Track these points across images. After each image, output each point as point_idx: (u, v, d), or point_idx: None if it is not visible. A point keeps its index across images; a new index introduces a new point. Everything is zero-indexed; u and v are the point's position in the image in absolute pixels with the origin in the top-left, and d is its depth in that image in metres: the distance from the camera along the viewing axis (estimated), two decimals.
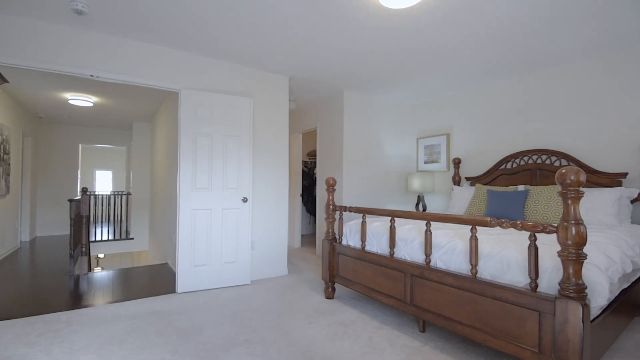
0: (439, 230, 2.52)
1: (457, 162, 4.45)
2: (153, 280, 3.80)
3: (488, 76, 3.97)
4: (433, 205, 4.96)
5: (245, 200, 3.61)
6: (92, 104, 5.40)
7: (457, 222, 2.08)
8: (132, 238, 6.95)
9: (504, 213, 3.22)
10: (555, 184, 3.34)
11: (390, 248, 2.62)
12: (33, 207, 6.80)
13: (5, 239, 5.17)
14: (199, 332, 2.44)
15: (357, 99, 4.79)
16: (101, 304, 3.01)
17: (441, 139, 4.81)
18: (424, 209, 4.67)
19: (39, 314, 2.74)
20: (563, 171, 1.55)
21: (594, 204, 2.93)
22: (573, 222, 1.54)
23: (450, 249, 2.24)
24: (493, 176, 4.06)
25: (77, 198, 4.46)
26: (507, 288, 1.81)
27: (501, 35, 2.90)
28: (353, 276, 2.94)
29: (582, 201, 3.00)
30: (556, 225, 1.61)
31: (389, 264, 2.57)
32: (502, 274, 1.92)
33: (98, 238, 6.79)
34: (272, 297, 3.22)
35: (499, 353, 2.15)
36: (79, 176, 7.74)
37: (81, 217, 4.29)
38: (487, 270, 2.00)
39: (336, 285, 3.59)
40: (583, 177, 1.53)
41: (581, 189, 2.09)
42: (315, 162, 7.19)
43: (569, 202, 1.55)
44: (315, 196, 6.93)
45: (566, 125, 3.54)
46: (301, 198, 6.19)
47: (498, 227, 2.00)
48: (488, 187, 3.69)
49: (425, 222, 2.76)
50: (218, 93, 3.52)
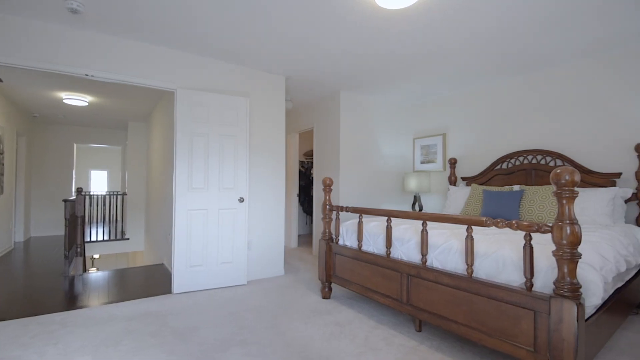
0: (435, 230, 2.53)
1: (453, 162, 4.47)
2: (149, 280, 3.78)
3: (484, 77, 3.99)
4: (429, 205, 4.98)
5: (241, 200, 3.60)
6: (87, 104, 5.37)
7: (453, 222, 2.09)
8: (128, 238, 6.91)
9: (500, 213, 3.23)
10: (550, 184, 3.37)
11: (386, 248, 2.62)
12: (27, 208, 6.74)
13: None
14: (195, 333, 2.43)
15: (354, 99, 4.80)
16: (96, 305, 2.99)
17: (437, 139, 4.82)
18: (420, 209, 4.68)
19: (33, 315, 2.72)
20: (558, 171, 1.56)
21: (589, 204, 2.96)
22: (568, 222, 1.55)
23: (446, 249, 2.24)
24: (489, 176, 4.08)
25: (72, 198, 4.43)
26: (503, 287, 1.82)
27: (497, 36, 2.92)
28: (350, 276, 2.95)
29: (577, 201, 3.03)
30: (551, 224, 1.63)
31: (386, 264, 2.58)
32: (498, 274, 1.93)
33: (93, 238, 6.74)
34: (269, 298, 3.21)
35: (495, 352, 2.17)
36: (74, 176, 7.69)
37: (76, 218, 4.26)
38: (483, 269, 2.01)
39: (333, 285, 3.59)
40: (577, 177, 1.54)
41: (576, 189, 2.11)
42: (312, 162, 7.19)
43: (564, 202, 1.57)
44: (312, 196, 6.92)
45: (561, 125, 3.57)
46: (298, 198, 6.19)
47: (494, 227, 2.01)
48: (484, 187, 3.71)
49: (421, 222, 2.76)
50: (214, 92, 3.51)
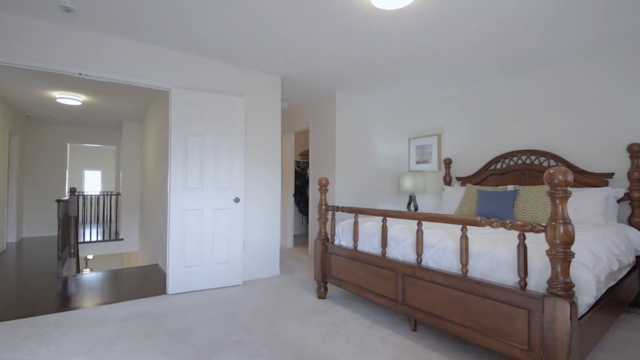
0: (430, 229, 2.54)
1: (448, 163, 4.49)
2: (143, 281, 3.76)
3: (478, 77, 4.02)
4: (424, 205, 5.00)
5: (237, 200, 3.59)
6: (81, 103, 5.32)
7: (448, 222, 2.10)
8: (122, 239, 6.86)
9: (494, 213, 3.26)
10: (544, 184, 3.40)
11: (382, 248, 2.63)
12: (20, 208, 6.67)
13: None
14: (190, 334, 2.41)
15: (350, 100, 4.81)
16: (90, 306, 2.96)
17: (432, 140, 4.85)
18: (416, 209, 4.70)
19: (26, 317, 2.69)
20: (551, 171, 1.57)
21: (582, 204, 2.99)
22: (561, 222, 1.56)
23: (441, 249, 2.25)
24: (483, 176, 4.11)
25: (65, 198, 4.38)
26: (497, 287, 1.83)
27: (492, 37, 2.94)
28: (345, 276, 2.95)
29: (570, 201, 3.06)
30: (545, 224, 1.64)
31: (381, 264, 2.58)
32: (492, 273, 1.94)
33: (87, 239, 6.68)
34: (265, 298, 3.21)
35: (490, 351, 2.18)
36: (67, 176, 7.62)
37: (69, 218, 4.21)
38: (477, 269, 2.02)
39: (329, 285, 3.59)
40: (570, 177, 1.55)
41: (569, 189, 2.13)
42: (307, 162, 7.19)
43: (557, 202, 1.58)
44: (307, 196, 6.92)
45: (554, 126, 3.60)
46: (294, 198, 6.18)
47: (488, 227, 2.03)
48: (478, 187, 3.73)
49: (416, 222, 2.77)
50: (209, 92, 3.49)
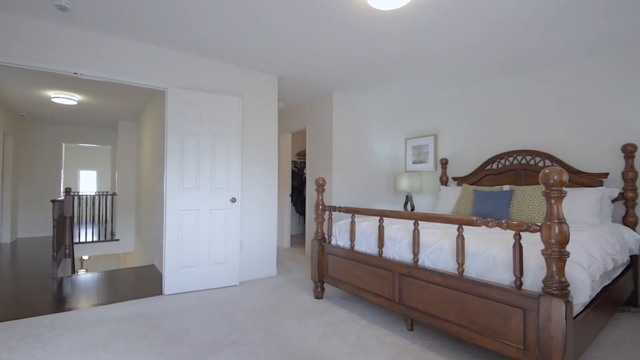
0: (427, 229, 2.54)
1: (445, 163, 4.51)
2: (139, 282, 3.74)
3: (475, 78, 4.03)
4: (421, 205, 5.01)
5: (233, 200, 3.58)
6: (76, 102, 5.28)
7: (444, 222, 2.10)
8: (118, 239, 6.82)
9: (490, 212, 3.27)
10: (539, 184, 3.42)
11: (379, 247, 2.63)
12: (14, 208, 6.60)
13: None
14: (186, 334, 2.41)
15: (347, 100, 4.81)
16: (85, 307, 2.94)
17: (429, 140, 4.86)
18: (412, 209, 4.71)
19: (21, 318, 2.67)
20: (546, 171, 1.58)
21: (577, 204, 3.01)
22: (556, 221, 1.57)
23: (437, 248, 2.26)
24: (479, 176, 4.12)
25: (61, 198, 4.35)
26: (493, 286, 1.84)
27: (490, 38, 2.95)
28: (342, 276, 2.95)
29: (565, 201, 3.08)
30: (540, 224, 1.65)
31: (378, 264, 2.59)
32: (488, 273, 1.95)
33: (82, 239, 6.63)
34: (261, 298, 3.20)
35: (486, 350, 2.19)
36: (63, 176, 7.56)
37: (64, 218, 4.19)
38: (474, 268, 2.03)
39: (325, 285, 3.59)
40: (566, 177, 1.56)
41: (564, 189, 2.14)
42: (304, 162, 7.19)
43: (552, 202, 1.59)
44: (304, 196, 6.92)
45: (550, 126, 3.62)
46: (290, 198, 6.18)
47: (484, 227, 2.03)
48: (474, 187, 3.74)
49: (413, 222, 2.78)
50: (206, 92, 3.48)
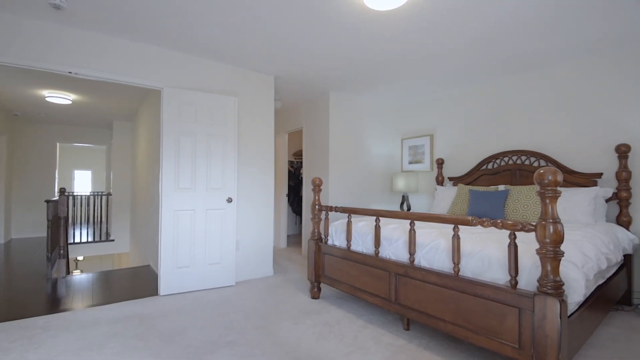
0: (423, 229, 2.55)
1: (440, 163, 4.53)
2: (134, 282, 3.72)
3: (471, 78, 4.05)
4: (417, 204, 5.03)
5: (229, 200, 3.57)
6: (71, 102, 5.24)
7: (440, 222, 2.11)
8: (113, 240, 6.77)
9: (485, 212, 3.29)
10: (534, 184, 3.44)
11: (375, 247, 2.64)
12: (8, 209, 6.54)
13: None
14: (182, 335, 2.39)
15: (343, 100, 4.81)
16: (80, 308, 2.92)
17: (425, 140, 4.88)
18: (408, 209, 4.72)
19: (14, 319, 2.64)
20: (541, 171, 1.59)
21: (571, 203, 3.03)
22: (551, 221, 1.58)
23: (433, 248, 2.27)
24: (475, 176, 4.14)
25: (55, 199, 4.31)
26: (488, 285, 1.85)
27: (488, 38, 2.96)
28: (339, 276, 2.95)
29: (560, 200, 3.10)
30: (535, 224, 1.66)
31: (374, 263, 2.59)
32: (484, 272, 1.96)
33: (77, 240, 6.58)
34: (258, 298, 3.19)
35: (481, 349, 2.20)
36: (57, 176, 7.50)
37: (59, 219, 4.15)
38: (469, 268, 2.04)
39: (322, 285, 3.59)
40: (560, 177, 1.57)
41: (558, 189, 2.16)
42: (301, 162, 7.18)
43: (547, 202, 1.60)
44: (301, 196, 6.92)
45: (545, 126, 3.65)
46: (287, 198, 6.17)
47: (479, 226, 2.04)
48: (470, 187, 3.76)
49: (409, 222, 2.79)
50: (202, 91, 3.47)
